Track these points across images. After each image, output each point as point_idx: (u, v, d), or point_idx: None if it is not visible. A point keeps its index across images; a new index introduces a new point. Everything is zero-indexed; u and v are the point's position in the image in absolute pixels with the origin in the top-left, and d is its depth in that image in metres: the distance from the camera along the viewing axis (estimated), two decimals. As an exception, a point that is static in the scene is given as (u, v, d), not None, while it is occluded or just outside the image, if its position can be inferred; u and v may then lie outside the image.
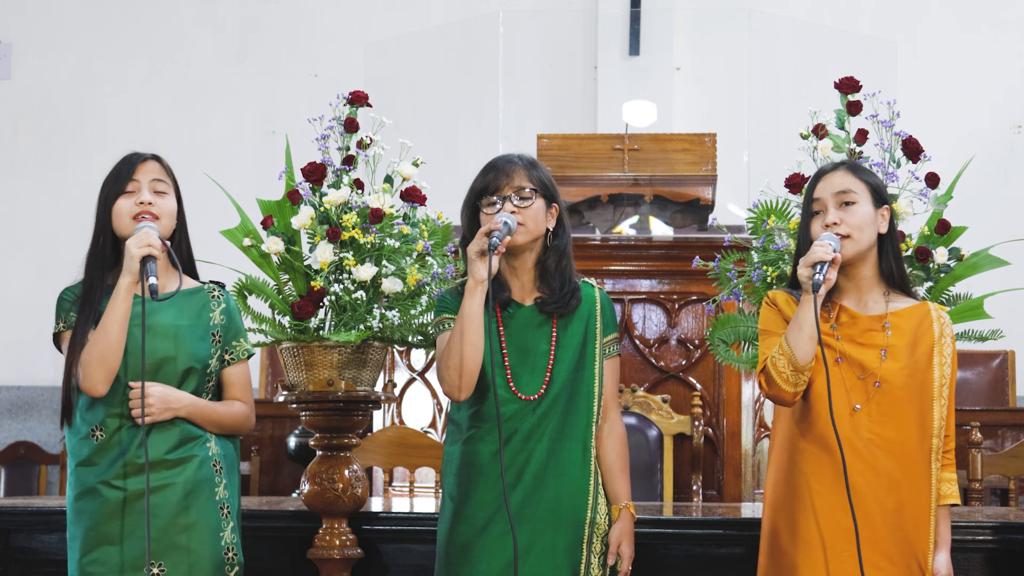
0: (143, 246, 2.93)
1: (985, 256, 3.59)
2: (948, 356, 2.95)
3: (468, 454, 2.98)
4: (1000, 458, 4.87)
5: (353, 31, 8.01)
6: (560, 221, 3.05)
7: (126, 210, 3.05)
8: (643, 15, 7.81)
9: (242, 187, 3.68)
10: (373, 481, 5.19)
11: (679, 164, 6.05)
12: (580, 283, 3.07)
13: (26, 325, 7.90)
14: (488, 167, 3.03)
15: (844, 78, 3.62)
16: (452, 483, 3.01)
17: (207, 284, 3.19)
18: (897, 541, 2.87)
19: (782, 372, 2.85)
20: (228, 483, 3.09)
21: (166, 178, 3.10)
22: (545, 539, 2.93)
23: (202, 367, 3.09)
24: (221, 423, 3.11)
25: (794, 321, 2.86)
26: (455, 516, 2.97)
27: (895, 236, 3.00)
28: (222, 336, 3.15)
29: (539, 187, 3.00)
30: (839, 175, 2.95)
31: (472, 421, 2.99)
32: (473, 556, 2.93)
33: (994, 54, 7.77)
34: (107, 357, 2.95)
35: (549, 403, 2.96)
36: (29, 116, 8.14)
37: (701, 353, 5.26)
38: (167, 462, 3.00)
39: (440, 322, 3.04)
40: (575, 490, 2.97)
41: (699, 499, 5.06)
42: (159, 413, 2.99)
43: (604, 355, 3.05)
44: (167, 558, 2.97)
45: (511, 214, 2.93)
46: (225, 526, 3.06)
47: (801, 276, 2.84)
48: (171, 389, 3.02)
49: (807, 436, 2.90)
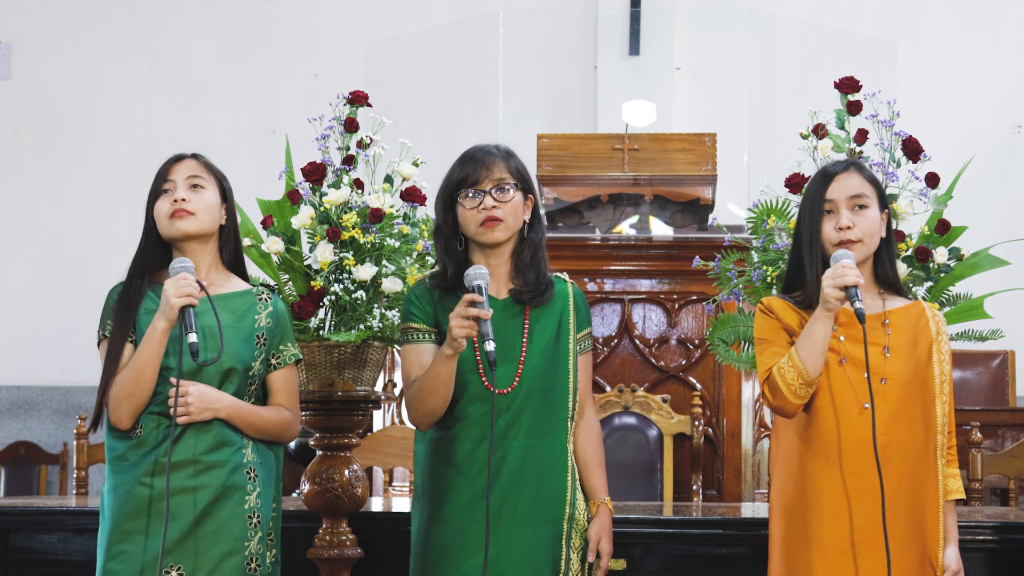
0: (182, 296, 2.86)
1: (985, 256, 3.59)
2: (946, 353, 2.97)
3: (443, 453, 2.93)
4: (1000, 458, 4.87)
5: (353, 31, 8.01)
6: (535, 212, 3.01)
7: (164, 210, 3.01)
8: (643, 15, 7.81)
9: (242, 187, 3.66)
10: (373, 481, 5.19)
11: (679, 164, 6.06)
12: (552, 278, 3.03)
13: (26, 325, 7.91)
14: (466, 157, 2.97)
15: (844, 78, 3.62)
16: (426, 482, 2.96)
17: (256, 287, 3.13)
18: (908, 538, 2.87)
19: (791, 384, 2.83)
20: (262, 492, 3.00)
21: (204, 173, 3.05)
22: (525, 537, 2.89)
23: (244, 369, 3.01)
24: (262, 428, 3.03)
25: (807, 336, 2.84)
26: (431, 517, 2.93)
27: (892, 240, 3.00)
28: (268, 339, 3.06)
29: (518, 179, 2.96)
30: (852, 177, 2.93)
31: (446, 419, 2.94)
32: (454, 557, 2.89)
33: (994, 54, 7.78)
34: (136, 397, 2.91)
35: (524, 398, 2.92)
36: (29, 116, 8.15)
37: (701, 353, 5.27)
38: (198, 464, 2.93)
39: (407, 331, 2.98)
40: (554, 486, 2.94)
41: (699, 499, 5.06)
42: (198, 413, 2.92)
43: (579, 350, 3.02)
44: (186, 562, 2.91)
45: (483, 270, 2.83)
46: (252, 536, 2.97)
47: (828, 295, 2.79)
48: (211, 389, 2.95)
49: (816, 440, 2.89)
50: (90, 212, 7.91)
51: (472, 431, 2.91)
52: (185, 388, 2.92)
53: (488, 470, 2.84)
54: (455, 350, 2.81)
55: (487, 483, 2.84)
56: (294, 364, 3.12)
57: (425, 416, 2.93)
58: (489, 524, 2.82)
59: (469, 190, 2.93)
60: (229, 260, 3.11)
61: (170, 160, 3.08)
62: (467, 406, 2.91)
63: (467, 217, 2.93)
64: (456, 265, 2.96)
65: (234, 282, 3.10)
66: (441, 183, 3.00)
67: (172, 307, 2.86)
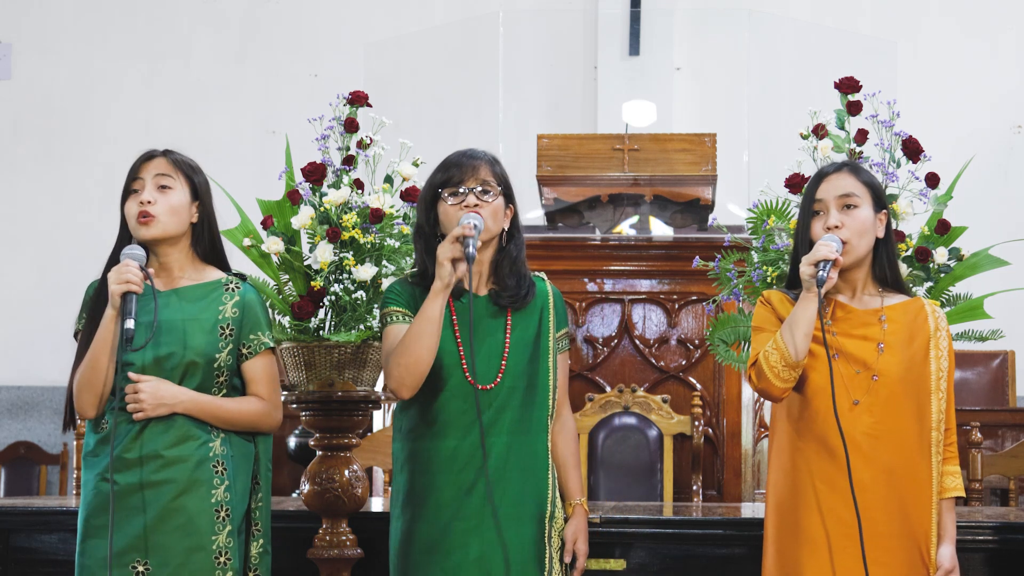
0: (121, 282, 2.88)
1: (985, 256, 3.59)
2: (944, 349, 2.96)
3: (425, 450, 2.92)
4: (1000, 458, 4.87)
5: (353, 31, 8.01)
6: (514, 222, 3.01)
7: (132, 212, 3.04)
8: (643, 15, 7.82)
9: (242, 187, 3.68)
10: (373, 481, 5.19)
11: (679, 164, 6.06)
12: (532, 277, 3.04)
13: (26, 325, 7.91)
14: (449, 163, 2.96)
15: (844, 78, 3.62)
16: (407, 481, 2.95)
17: (226, 276, 3.11)
18: (900, 535, 2.87)
19: (774, 367, 2.85)
20: (231, 485, 3.00)
21: (172, 172, 3.05)
22: (510, 534, 2.89)
23: (206, 361, 3.00)
24: (230, 420, 3.02)
25: (791, 317, 2.86)
26: (413, 516, 2.92)
27: (891, 241, 3.00)
28: (235, 330, 3.05)
29: (501, 184, 2.96)
30: (843, 177, 2.95)
31: (426, 417, 2.93)
32: (440, 555, 2.89)
33: (994, 54, 7.78)
34: (94, 385, 2.94)
35: (506, 395, 2.92)
36: (29, 116, 8.15)
37: (701, 353, 5.27)
38: (162, 458, 2.94)
39: (388, 314, 2.96)
40: (537, 483, 2.94)
41: (699, 499, 5.06)
42: (152, 408, 2.93)
43: (557, 349, 3.03)
44: (153, 556, 2.91)
45: (475, 212, 2.87)
46: (220, 530, 2.97)
47: (803, 274, 2.84)
48: (167, 384, 2.95)
49: (807, 434, 2.90)
50: (90, 212, 7.90)
51: (454, 428, 2.90)
52: (138, 385, 2.94)
53: (484, 462, 2.85)
54: (444, 282, 2.80)
55: (472, 478, 2.87)
56: (269, 352, 3.10)
57: (408, 370, 2.83)
58: (496, 513, 2.84)
59: (453, 188, 2.93)
60: (204, 253, 3.11)
61: (141, 158, 3.08)
62: (448, 402, 2.91)
63: (448, 215, 2.93)
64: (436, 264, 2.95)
65: (208, 273, 3.10)
66: (424, 184, 3.01)
67: (112, 294, 2.89)
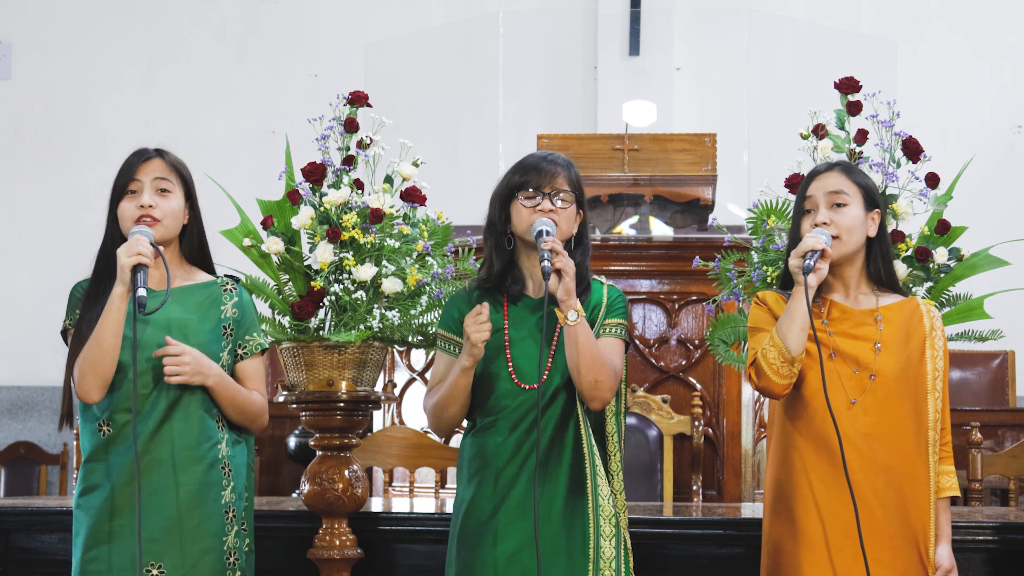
0: (132, 255, 2.87)
1: (985, 256, 3.59)
2: (940, 349, 2.97)
3: (476, 445, 2.99)
4: (1000, 458, 4.87)
5: (353, 31, 8.01)
6: (582, 229, 3.05)
7: (128, 213, 3.02)
8: (643, 15, 7.82)
9: (242, 187, 3.67)
10: (373, 481, 5.19)
11: (679, 164, 6.06)
12: (591, 280, 3.07)
13: (26, 325, 7.91)
14: (528, 166, 2.99)
15: (844, 78, 3.62)
16: (464, 474, 3.03)
17: (220, 278, 3.14)
18: (899, 534, 2.88)
19: (772, 363, 2.85)
20: (235, 487, 3.04)
21: (170, 176, 3.05)
22: (550, 527, 2.91)
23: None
24: (242, 406, 3.06)
25: (785, 313, 2.87)
26: (467, 508, 2.98)
27: (885, 240, 3.00)
28: (234, 330, 3.10)
29: (575, 191, 3.00)
30: (833, 176, 2.97)
31: (480, 413, 3.00)
32: (481, 547, 2.93)
33: (994, 54, 7.78)
34: (100, 366, 2.92)
35: (552, 393, 2.96)
36: (29, 116, 8.15)
37: (701, 353, 5.26)
38: (177, 460, 2.95)
39: (438, 336, 3.07)
40: (576, 476, 2.95)
41: (699, 499, 5.06)
42: (191, 375, 2.94)
43: (604, 333, 3.02)
44: (167, 559, 2.94)
45: (548, 218, 2.90)
46: (229, 530, 3.01)
47: (792, 266, 2.86)
48: (204, 356, 2.97)
49: (804, 433, 2.91)
50: (90, 212, 7.81)
51: (502, 424, 2.96)
52: (183, 348, 2.94)
53: (536, 456, 2.88)
54: (472, 358, 2.89)
55: (515, 472, 2.91)
56: (260, 354, 3.15)
57: (443, 423, 3.06)
58: (536, 510, 2.86)
59: (529, 190, 2.96)
60: (191, 255, 3.12)
61: (137, 158, 3.05)
62: (499, 400, 2.97)
63: (522, 215, 2.95)
64: (502, 263, 3.01)
65: (197, 275, 3.12)
66: (500, 183, 3.03)
67: (123, 268, 2.87)
